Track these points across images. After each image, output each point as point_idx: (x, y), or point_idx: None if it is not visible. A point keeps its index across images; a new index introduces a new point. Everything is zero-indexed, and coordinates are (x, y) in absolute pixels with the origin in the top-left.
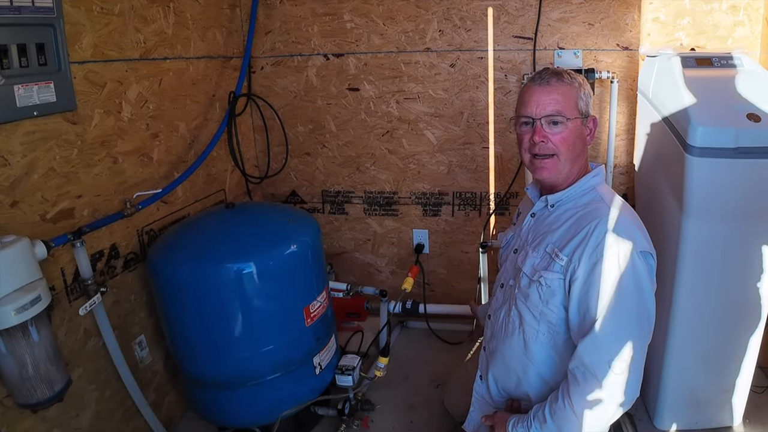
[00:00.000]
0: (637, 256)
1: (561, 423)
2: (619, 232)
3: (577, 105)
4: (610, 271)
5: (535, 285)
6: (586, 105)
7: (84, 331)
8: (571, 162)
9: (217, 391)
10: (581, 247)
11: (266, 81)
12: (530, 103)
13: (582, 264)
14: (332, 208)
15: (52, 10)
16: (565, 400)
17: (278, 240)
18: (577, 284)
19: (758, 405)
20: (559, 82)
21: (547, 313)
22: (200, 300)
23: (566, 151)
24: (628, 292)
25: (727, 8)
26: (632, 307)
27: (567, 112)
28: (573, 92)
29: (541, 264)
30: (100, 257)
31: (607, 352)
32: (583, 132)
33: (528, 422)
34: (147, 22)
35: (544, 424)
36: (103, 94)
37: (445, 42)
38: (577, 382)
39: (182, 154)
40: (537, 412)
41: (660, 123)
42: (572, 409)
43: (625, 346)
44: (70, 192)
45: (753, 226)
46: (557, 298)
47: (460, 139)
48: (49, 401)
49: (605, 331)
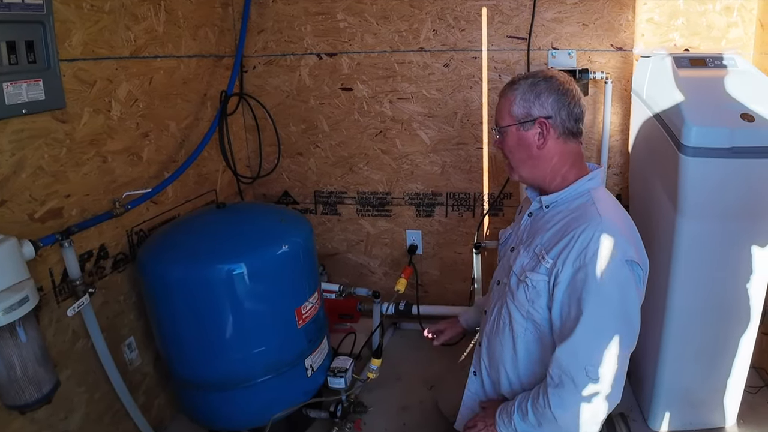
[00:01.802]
0: (623, 265)
1: (541, 419)
2: (605, 239)
3: (510, 112)
4: (593, 278)
5: (523, 285)
6: (525, 108)
7: (72, 332)
8: (526, 167)
9: (207, 394)
10: (566, 251)
11: (258, 80)
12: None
13: (565, 268)
14: (325, 209)
15: (42, 7)
16: (544, 398)
17: (270, 240)
18: (560, 288)
19: (752, 405)
20: (506, 90)
21: (533, 313)
22: (190, 301)
23: (511, 156)
24: (609, 300)
25: (721, 9)
26: (613, 315)
27: (500, 121)
28: (508, 100)
29: (529, 264)
30: (88, 257)
31: (584, 357)
32: (525, 137)
33: (511, 409)
34: (138, 20)
35: (526, 416)
36: (92, 93)
37: (439, 42)
38: (554, 384)
39: (173, 154)
40: (521, 403)
41: (654, 123)
42: (550, 410)
43: (603, 354)
44: (59, 191)
45: (747, 226)
46: (542, 299)
47: (454, 139)
48: (37, 403)
49: (583, 337)
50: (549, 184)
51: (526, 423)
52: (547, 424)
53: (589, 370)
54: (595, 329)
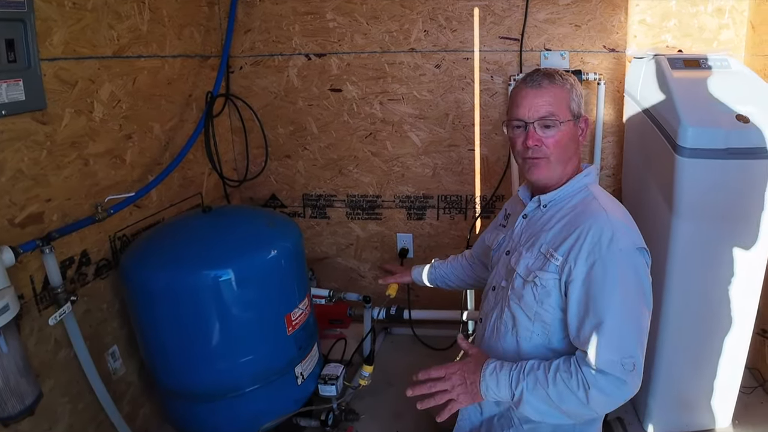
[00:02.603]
0: (636, 253)
1: (565, 396)
2: (615, 231)
3: (569, 106)
4: (612, 270)
5: (530, 285)
6: (578, 105)
7: (54, 341)
8: (563, 164)
9: (194, 404)
10: (576, 247)
11: (245, 81)
12: (522, 107)
13: (578, 264)
14: (313, 212)
15: (23, 5)
16: (579, 392)
17: (258, 245)
18: (575, 285)
19: (747, 406)
20: (551, 83)
21: (542, 313)
22: (176, 308)
23: (559, 153)
24: (631, 289)
25: (713, 11)
26: (638, 302)
27: (559, 114)
28: (565, 94)
29: (535, 264)
30: (70, 264)
31: (619, 349)
32: (575, 133)
33: (519, 374)
34: (121, 18)
35: (546, 388)
36: (74, 93)
37: (430, 42)
38: (592, 379)
39: (157, 156)
40: (536, 371)
41: (648, 124)
42: (587, 405)
43: (636, 342)
44: (40, 195)
45: (742, 226)
46: (552, 298)
47: (446, 141)
48: (20, 415)
49: (615, 328)
50: (558, 182)
51: (537, 395)
52: (570, 404)
53: (626, 362)
54: (624, 319)
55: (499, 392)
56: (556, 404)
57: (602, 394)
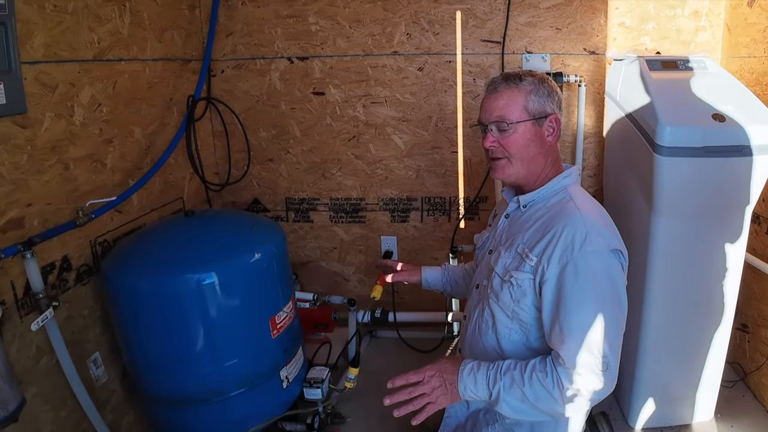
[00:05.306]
0: (609, 254)
1: (539, 395)
2: (589, 232)
3: (525, 107)
4: (584, 271)
5: (507, 285)
6: (541, 104)
7: (36, 347)
8: (526, 163)
9: (178, 409)
10: (550, 248)
11: (227, 84)
12: (481, 110)
13: (551, 265)
14: (297, 216)
15: (4, 7)
16: (554, 392)
17: (241, 249)
18: (549, 285)
19: (729, 399)
20: (507, 86)
21: (519, 312)
22: (159, 313)
23: (517, 153)
24: (604, 291)
25: (690, 14)
26: (610, 304)
27: (511, 116)
28: (520, 95)
29: (512, 264)
30: (51, 269)
31: (591, 351)
32: (538, 133)
33: (496, 374)
34: (101, 21)
35: (522, 388)
36: (54, 97)
37: (413, 45)
38: (567, 379)
39: (138, 161)
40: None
41: (628, 124)
42: (561, 404)
43: (608, 342)
44: (20, 200)
45: (719, 223)
46: (528, 298)
47: (429, 143)
48: (3, 422)
49: (586, 329)
50: (533, 182)
51: (513, 394)
52: (545, 402)
53: (599, 362)
54: (596, 321)
55: (477, 392)
56: (531, 403)
57: (576, 393)
